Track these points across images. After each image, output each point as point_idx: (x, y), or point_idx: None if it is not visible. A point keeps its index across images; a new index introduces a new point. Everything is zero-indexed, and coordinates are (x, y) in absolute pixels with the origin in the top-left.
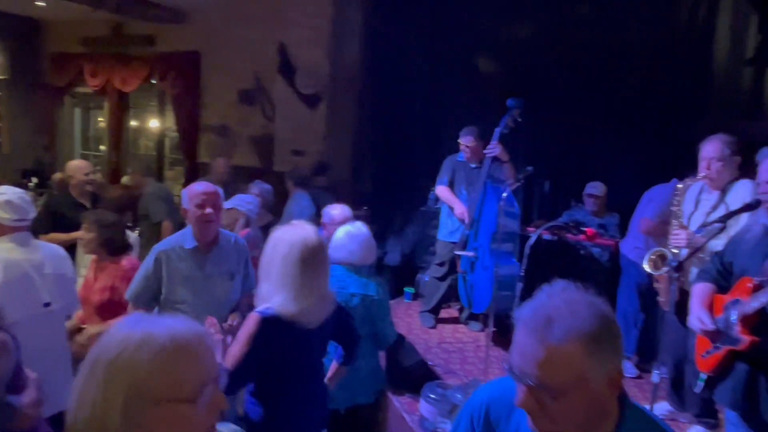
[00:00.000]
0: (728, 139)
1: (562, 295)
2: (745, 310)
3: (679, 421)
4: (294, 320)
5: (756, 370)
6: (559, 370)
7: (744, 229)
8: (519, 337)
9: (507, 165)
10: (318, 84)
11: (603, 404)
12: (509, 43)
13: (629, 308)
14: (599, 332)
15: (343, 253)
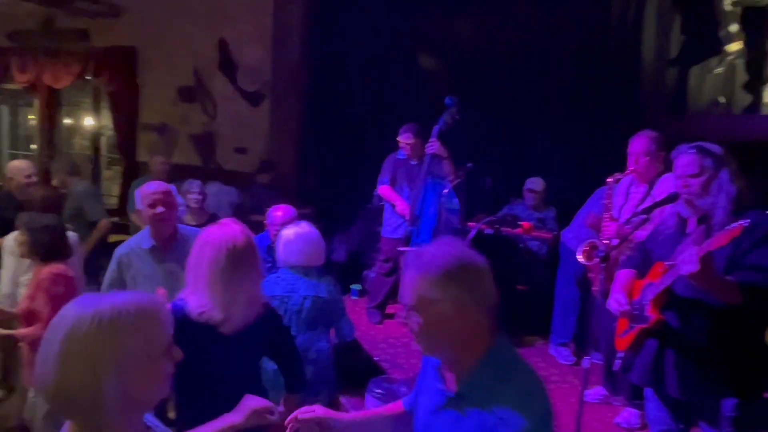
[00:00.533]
0: (654, 135)
1: (442, 243)
2: (653, 292)
3: (612, 405)
4: (209, 323)
5: (662, 347)
6: (418, 293)
7: (662, 221)
8: (404, 273)
9: (446, 161)
10: (260, 81)
11: (453, 330)
12: (450, 42)
13: (568, 296)
14: (453, 270)
15: (293, 256)
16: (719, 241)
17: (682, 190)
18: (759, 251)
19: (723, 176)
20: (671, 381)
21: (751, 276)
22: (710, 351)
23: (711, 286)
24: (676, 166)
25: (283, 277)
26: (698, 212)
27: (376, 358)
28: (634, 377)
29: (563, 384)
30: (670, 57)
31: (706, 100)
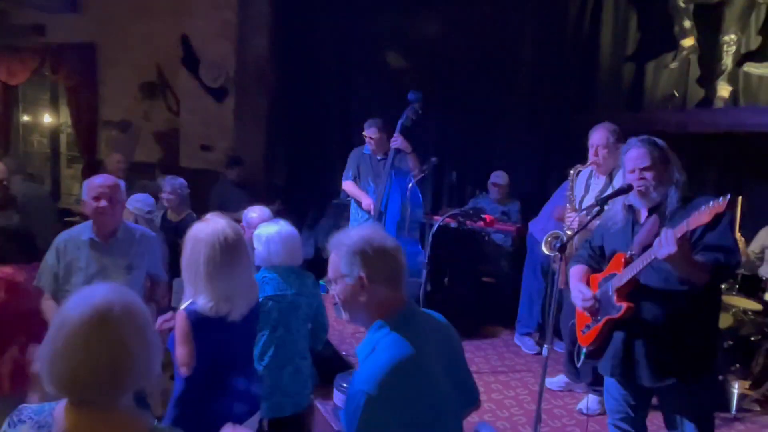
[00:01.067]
0: (612, 128)
1: (360, 228)
2: (620, 282)
3: (575, 392)
4: (219, 315)
5: (631, 338)
6: (333, 266)
7: (608, 216)
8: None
9: (411, 156)
10: (225, 76)
11: (358, 299)
12: (415, 38)
13: (533, 287)
14: (357, 249)
15: (278, 256)
16: (701, 219)
17: (637, 183)
18: (716, 232)
19: (671, 168)
20: (643, 371)
21: (714, 256)
22: (675, 337)
23: (686, 267)
24: (627, 159)
25: (270, 277)
26: (652, 203)
27: (343, 353)
28: (604, 370)
29: (528, 373)
30: (626, 53)
31: (661, 95)
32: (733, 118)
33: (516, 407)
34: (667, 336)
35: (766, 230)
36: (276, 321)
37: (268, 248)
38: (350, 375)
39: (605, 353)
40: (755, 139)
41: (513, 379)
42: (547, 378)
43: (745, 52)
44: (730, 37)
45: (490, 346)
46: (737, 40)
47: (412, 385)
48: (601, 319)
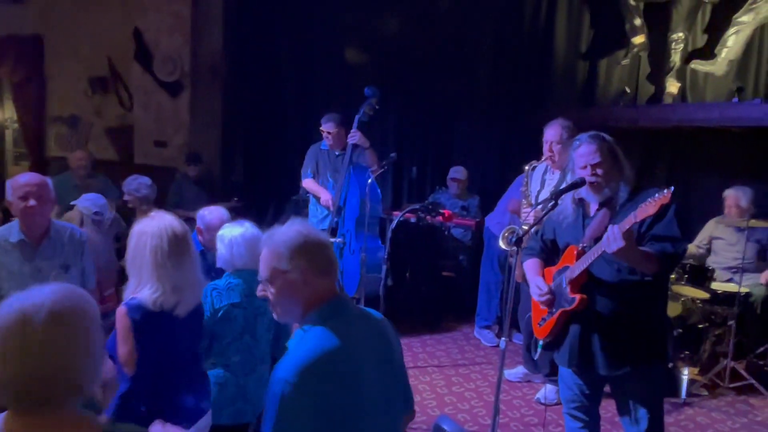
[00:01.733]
0: (566, 123)
1: (290, 223)
2: (573, 274)
3: (533, 382)
4: (165, 308)
5: (587, 329)
6: (269, 265)
7: (559, 210)
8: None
9: (369, 151)
10: (179, 71)
11: (299, 294)
12: (373, 33)
13: (491, 280)
14: (296, 244)
15: (246, 260)
16: (648, 211)
17: (589, 178)
18: (662, 223)
19: (622, 162)
20: (599, 361)
21: (662, 246)
22: (628, 326)
23: (634, 259)
24: (577, 156)
25: (235, 282)
26: (603, 197)
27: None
28: (562, 361)
29: (487, 365)
30: (580, 50)
31: (614, 91)
32: (682, 114)
33: (476, 399)
34: (621, 325)
35: (712, 222)
36: (242, 328)
37: (231, 251)
38: None
39: (562, 345)
40: (702, 135)
41: (473, 372)
42: (506, 369)
43: (692, 50)
44: (678, 35)
45: (451, 340)
46: (685, 38)
47: (334, 378)
48: (556, 311)
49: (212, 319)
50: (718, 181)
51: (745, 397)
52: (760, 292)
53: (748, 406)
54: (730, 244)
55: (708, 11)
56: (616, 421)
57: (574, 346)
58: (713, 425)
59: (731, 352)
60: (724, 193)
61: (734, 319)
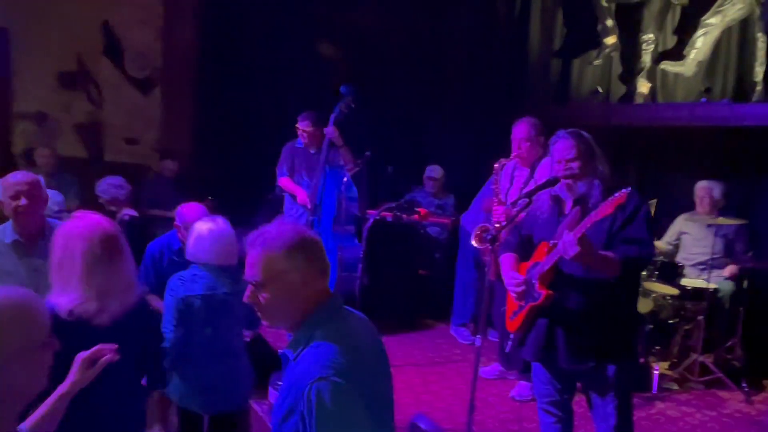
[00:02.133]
0: (534, 121)
1: (279, 222)
2: (542, 270)
3: (508, 379)
4: (81, 317)
5: (553, 324)
6: (265, 267)
7: (536, 206)
8: (247, 255)
9: (343, 149)
10: (151, 67)
11: (298, 295)
12: (350, 31)
13: (467, 278)
14: (295, 243)
15: (205, 254)
16: (605, 211)
17: (562, 174)
18: (632, 225)
19: (597, 160)
20: (562, 354)
21: (628, 249)
22: (594, 322)
23: (593, 264)
24: (555, 150)
25: (201, 275)
26: (576, 194)
27: (280, 351)
28: (527, 354)
29: (464, 363)
30: (554, 49)
31: (586, 90)
32: (652, 113)
33: (453, 397)
34: (586, 321)
35: (681, 219)
36: (204, 320)
37: (196, 244)
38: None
39: (530, 338)
40: (672, 133)
41: (449, 370)
42: (482, 367)
43: (662, 51)
44: (648, 36)
45: (427, 338)
46: (655, 40)
47: (363, 371)
48: (525, 306)
49: (176, 306)
50: (687, 179)
51: (713, 390)
52: (727, 288)
53: (717, 399)
54: (698, 240)
55: (677, 13)
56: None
57: (539, 339)
58: (683, 418)
59: (700, 347)
60: (697, 185)
61: (703, 315)
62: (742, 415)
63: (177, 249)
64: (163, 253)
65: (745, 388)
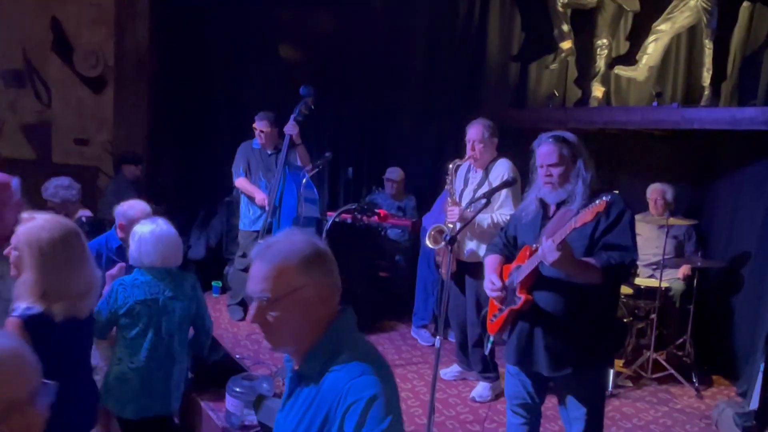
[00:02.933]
0: (487, 123)
1: (289, 233)
2: (522, 274)
3: (468, 380)
4: (61, 316)
5: (533, 328)
6: (278, 283)
7: (522, 207)
8: (251, 268)
9: (300, 148)
10: (102, 65)
11: (313, 314)
12: (309, 32)
13: (428, 279)
14: (310, 256)
15: (149, 257)
16: (585, 218)
17: (544, 178)
18: (615, 231)
19: (579, 164)
20: (541, 360)
21: (610, 256)
22: (574, 328)
23: (573, 271)
24: (537, 155)
25: (141, 279)
26: (559, 198)
27: (237, 356)
28: (507, 356)
29: (424, 365)
30: (512, 53)
31: (543, 94)
32: (607, 117)
33: (413, 399)
34: (565, 328)
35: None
36: (146, 325)
37: (139, 248)
38: (245, 379)
39: (509, 342)
40: (625, 136)
41: (410, 372)
42: (442, 368)
43: (615, 56)
44: (602, 42)
45: (388, 340)
46: (609, 45)
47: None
48: (506, 309)
49: (115, 313)
50: (640, 181)
51: (666, 386)
52: (678, 287)
53: (669, 395)
54: (650, 240)
55: (630, 20)
56: (548, 414)
57: (519, 344)
58: (637, 414)
59: (653, 345)
60: (649, 188)
61: (655, 313)
62: (692, 409)
63: (116, 248)
64: (101, 253)
65: (695, 384)
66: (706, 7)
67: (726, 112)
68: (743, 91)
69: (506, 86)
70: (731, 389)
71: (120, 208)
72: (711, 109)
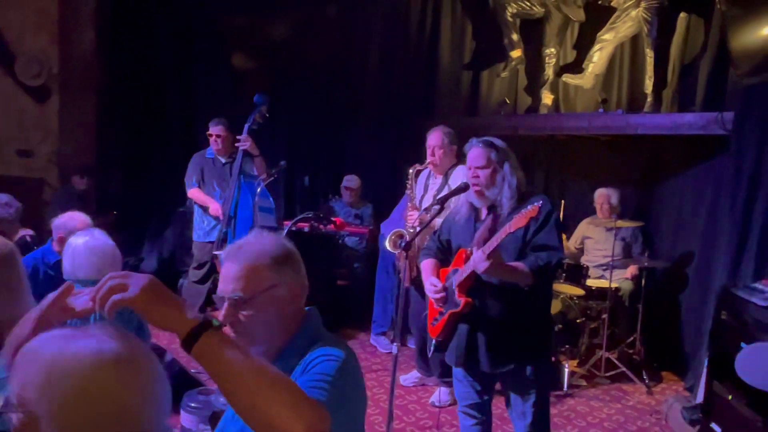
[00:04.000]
0: (447, 130)
1: (258, 234)
2: (460, 278)
3: (428, 386)
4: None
5: (473, 329)
6: (249, 281)
7: (455, 211)
8: (222, 269)
9: (258, 159)
10: (47, 74)
11: (284, 312)
12: (263, 40)
13: (387, 286)
14: (281, 255)
15: (82, 270)
16: (518, 224)
17: (472, 181)
18: (543, 232)
19: (506, 168)
20: (483, 359)
21: (538, 257)
22: (512, 327)
23: (505, 276)
24: (468, 158)
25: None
26: (487, 202)
27: (192, 371)
28: (450, 359)
29: (384, 372)
30: (464, 62)
31: (495, 101)
32: (556, 123)
33: (373, 407)
34: (504, 326)
35: (584, 224)
36: None
37: (73, 261)
38: (200, 394)
39: (452, 344)
40: (574, 142)
41: (369, 380)
42: (401, 375)
43: (563, 64)
44: (550, 51)
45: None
46: (556, 54)
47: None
48: (446, 313)
49: None
50: (589, 185)
51: (618, 384)
52: (627, 287)
53: (621, 392)
54: (599, 242)
55: (576, 29)
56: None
57: (461, 345)
58: (592, 413)
59: (605, 344)
60: (596, 193)
61: (607, 313)
62: (643, 405)
63: (54, 263)
64: (38, 268)
65: (645, 380)
66: (647, 17)
67: (667, 117)
68: (683, 98)
69: (459, 94)
70: (679, 384)
71: (59, 220)
72: (653, 115)
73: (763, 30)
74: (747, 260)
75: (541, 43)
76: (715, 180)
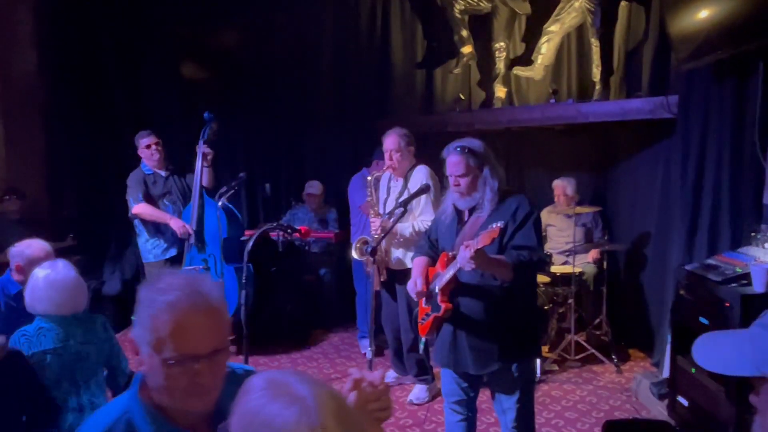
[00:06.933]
0: (402, 132)
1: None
2: (442, 281)
3: (404, 384)
4: None
5: (456, 331)
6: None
7: (441, 210)
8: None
9: (209, 170)
10: None
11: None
12: (213, 49)
13: (363, 291)
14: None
15: (46, 305)
16: (484, 241)
17: (453, 188)
18: (520, 233)
19: (486, 172)
20: (467, 360)
21: (519, 254)
22: (495, 328)
23: (491, 270)
24: (447, 164)
25: (47, 327)
26: (470, 206)
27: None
28: (436, 359)
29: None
30: (416, 61)
31: (450, 98)
32: (510, 116)
33: None
34: (487, 327)
35: (545, 212)
36: (58, 375)
37: (32, 294)
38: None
39: (437, 344)
40: (529, 133)
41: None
42: None
43: (513, 58)
44: (500, 45)
45: (321, 354)
46: (506, 47)
47: None
48: (431, 316)
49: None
50: (547, 174)
51: (588, 366)
52: (590, 270)
53: (592, 374)
54: (561, 230)
55: (523, 22)
56: (486, 408)
57: (446, 346)
58: (565, 396)
59: (573, 327)
60: (553, 183)
61: (572, 297)
62: (614, 384)
63: (15, 293)
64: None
65: (614, 360)
66: (590, 7)
67: (616, 104)
68: (630, 84)
69: (414, 93)
70: (647, 361)
71: (15, 249)
72: (602, 102)
73: (699, 14)
74: (700, 237)
75: (490, 38)
76: (665, 162)
